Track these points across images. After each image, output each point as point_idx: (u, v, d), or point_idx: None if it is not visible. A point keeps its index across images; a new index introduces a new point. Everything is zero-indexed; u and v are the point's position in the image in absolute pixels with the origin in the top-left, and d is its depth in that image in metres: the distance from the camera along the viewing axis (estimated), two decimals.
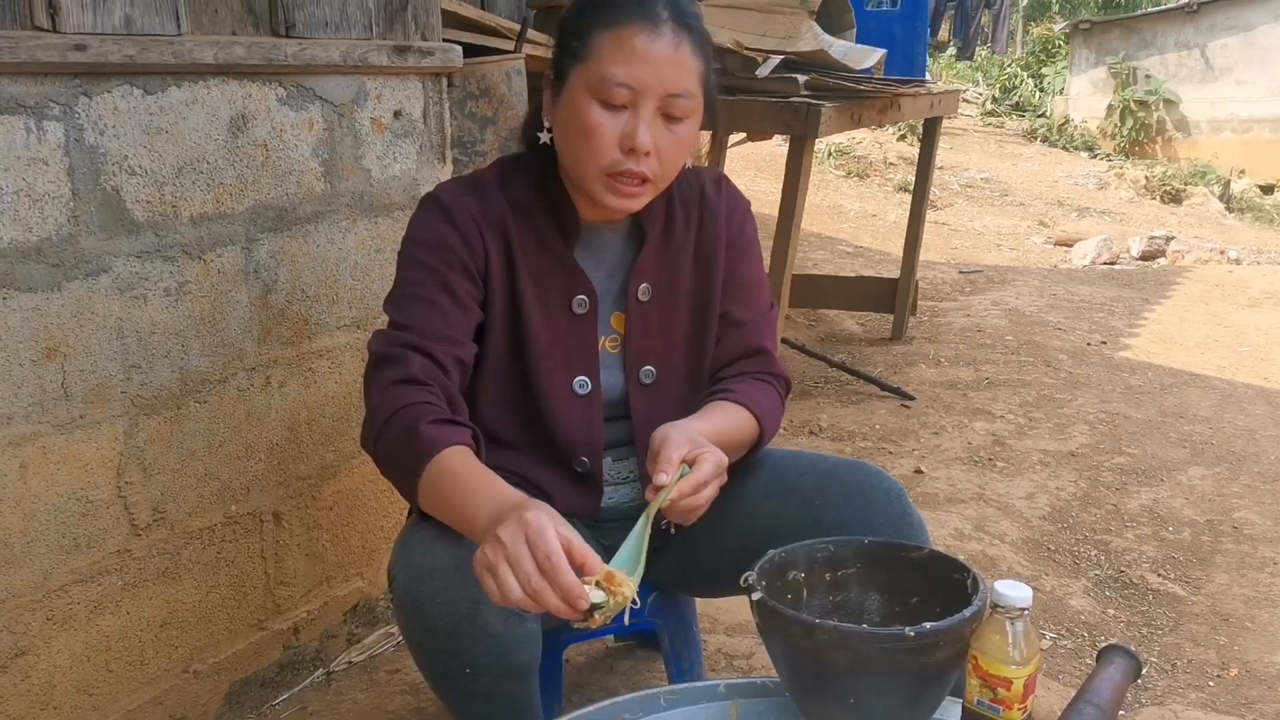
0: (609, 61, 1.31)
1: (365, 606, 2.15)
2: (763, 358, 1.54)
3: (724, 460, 1.31)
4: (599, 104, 1.32)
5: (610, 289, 1.49)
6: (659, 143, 1.33)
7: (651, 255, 1.49)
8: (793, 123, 3.23)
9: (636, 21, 1.31)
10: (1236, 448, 3.58)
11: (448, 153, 2.21)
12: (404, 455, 1.26)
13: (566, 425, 1.46)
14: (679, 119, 1.34)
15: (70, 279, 1.55)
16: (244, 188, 1.79)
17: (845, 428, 3.64)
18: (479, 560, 1.09)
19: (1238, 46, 14.05)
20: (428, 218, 1.42)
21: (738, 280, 1.54)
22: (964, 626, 1.17)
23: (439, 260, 1.38)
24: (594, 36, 1.33)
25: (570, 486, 1.49)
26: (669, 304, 1.51)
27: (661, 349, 1.51)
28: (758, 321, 1.55)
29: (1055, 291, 6.15)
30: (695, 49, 1.35)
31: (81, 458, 1.60)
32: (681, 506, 1.27)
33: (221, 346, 1.79)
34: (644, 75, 1.31)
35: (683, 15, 1.34)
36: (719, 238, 1.52)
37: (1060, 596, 2.53)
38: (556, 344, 1.45)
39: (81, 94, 1.54)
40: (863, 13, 4.12)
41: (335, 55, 1.89)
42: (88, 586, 1.63)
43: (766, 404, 1.49)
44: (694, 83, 1.35)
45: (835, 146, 10.55)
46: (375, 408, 1.32)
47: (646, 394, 1.50)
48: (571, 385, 1.46)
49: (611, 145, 1.33)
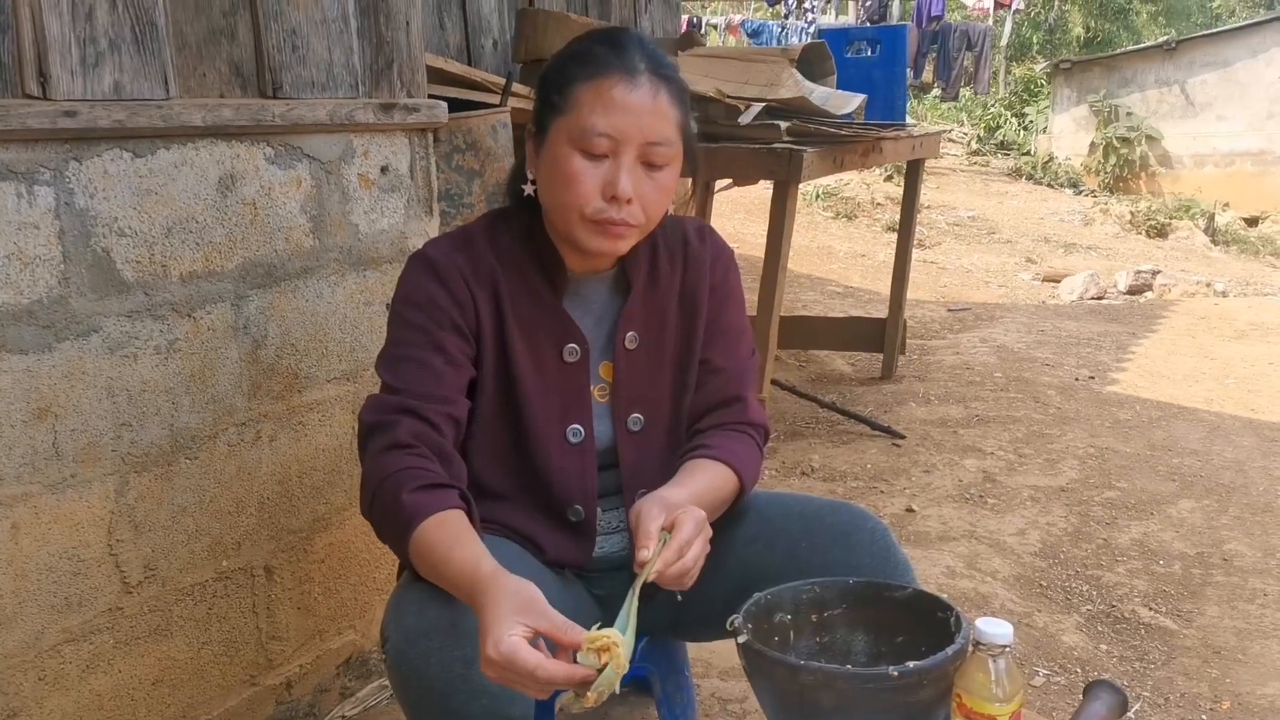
0: (589, 112, 1.35)
1: (358, 659, 2.15)
2: (740, 406, 1.55)
3: (703, 516, 1.31)
4: (581, 154, 1.35)
5: (598, 338, 1.50)
6: (640, 190, 1.36)
7: (637, 303, 1.50)
8: (775, 168, 3.27)
9: (615, 73, 1.35)
10: (1225, 480, 3.59)
11: (435, 206, 2.24)
12: (392, 524, 1.30)
13: (561, 475, 1.47)
14: (659, 166, 1.37)
15: (61, 340, 1.57)
16: (233, 246, 1.82)
17: (837, 468, 3.66)
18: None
19: (1217, 82, 14.24)
20: (418, 277, 1.44)
21: (719, 327, 1.56)
22: (947, 665, 1.19)
23: (429, 320, 1.40)
24: (574, 89, 1.37)
25: (563, 537, 1.49)
26: (656, 351, 1.52)
27: (649, 396, 1.52)
28: (738, 369, 1.56)
29: (1043, 327, 6.19)
30: (673, 98, 1.38)
31: (73, 517, 1.61)
32: (671, 574, 1.27)
33: (212, 403, 1.80)
34: (623, 125, 1.34)
35: (660, 66, 1.38)
36: (702, 284, 1.54)
37: (1053, 633, 2.54)
38: (549, 394, 1.46)
39: (72, 159, 1.57)
40: (842, 60, 4.19)
41: (322, 114, 1.93)
42: (79, 645, 1.64)
43: (745, 456, 1.50)
44: (673, 131, 1.38)
45: (823, 188, 10.65)
46: (365, 476, 1.35)
47: (634, 441, 1.51)
48: (565, 434, 1.47)
49: (594, 193, 1.35)
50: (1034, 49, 19.47)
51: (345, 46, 1.99)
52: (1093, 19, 19.74)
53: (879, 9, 13.93)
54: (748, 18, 14.74)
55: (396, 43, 2.10)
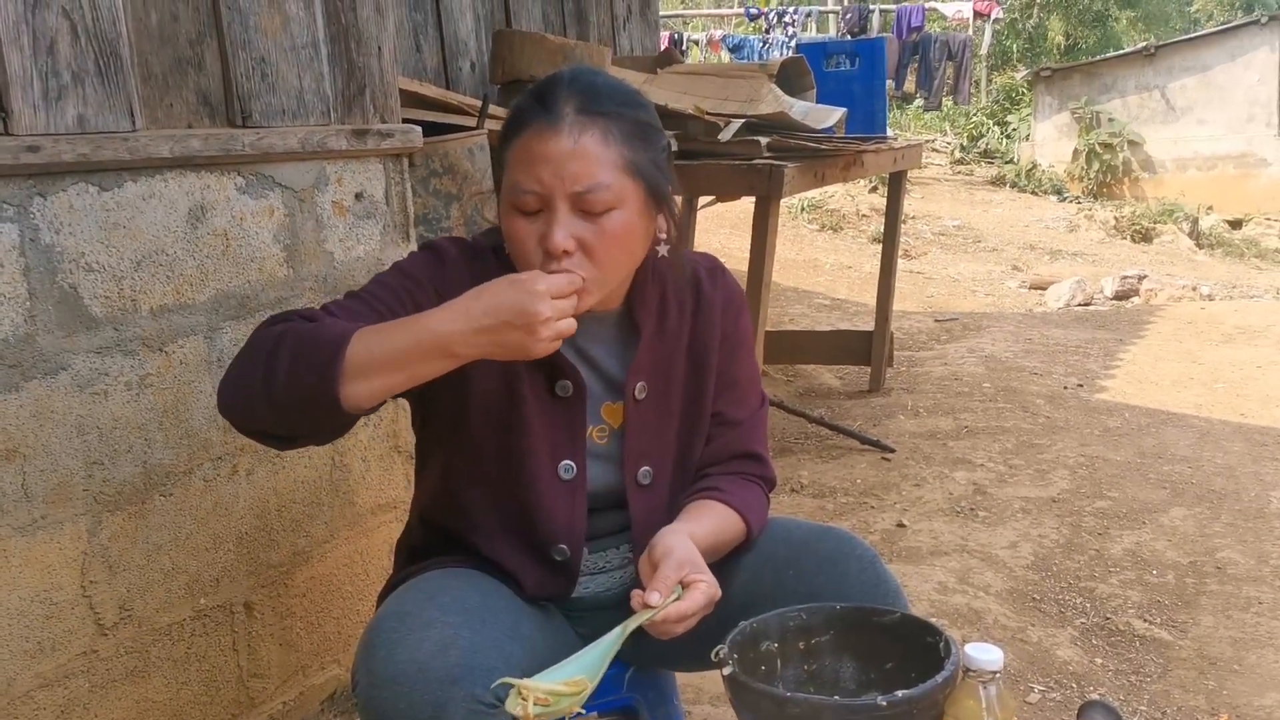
0: (515, 170, 1.32)
1: (343, 694, 2.12)
2: (754, 462, 1.54)
3: (716, 594, 1.30)
4: (517, 212, 1.32)
5: (601, 378, 1.46)
6: (584, 238, 1.30)
7: (647, 353, 1.46)
8: (757, 184, 3.26)
9: (533, 125, 1.30)
10: (1216, 486, 3.58)
11: (412, 231, 2.22)
12: (311, 350, 1.19)
13: (550, 511, 1.43)
14: (599, 213, 1.30)
15: (29, 379, 1.54)
16: (205, 277, 1.79)
17: (826, 483, 3.63)
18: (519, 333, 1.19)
19: (1196, 86, 14.34)
20: (423, 258, 1.42)
21: (730, 378, 1.53)
22: (937, 693, 1.16)
23: (404, 289, 1.36)
24: (506, 147, 1.35)
25: (543, 573, 1.46)
26: (664, 401, 1.49)
27: (657, 449, 1.49)
28: (751, 422, 1.55)
29: (1030, 336, 6.19)
30: (606, 138, 1.30)
31: (44, 559, 1.58)
32: (660, 629, 1.27)
33: (186, 438, 1.77)
34: (544, 177, 1.29)
35: (591, 105, 1.31)
36: (713, 332, 1.50)
37: (1047, 648, 2.51)
38: (542, 426, 1.43)
39: (36, 194, 1.54)
40: (822, 74, 4.19)
41: (293, 142, 1.91)
42: (54, 691, 1.60)
43: (756, 506, 1.49)
44: (606, 172, 1.29)
45: (808, 201, 10.66)
46: (255, 341, 1.25)
47: (645, 494, 1.48)
48: (556, 470, 1.43)
49: (535, 249, 1.31)
50: (1015, 57, 19.58)
51: (316, 73, 1.97)
52: (1072, 26, 19.87)
53: (859, 22, 14.02)
54: (729, 33, 14.79)
55: (368, 68, 2.08)
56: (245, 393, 1.24)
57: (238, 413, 1.27)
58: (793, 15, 14.11)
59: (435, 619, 1.24)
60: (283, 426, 1.26)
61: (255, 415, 1.26)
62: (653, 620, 1.25)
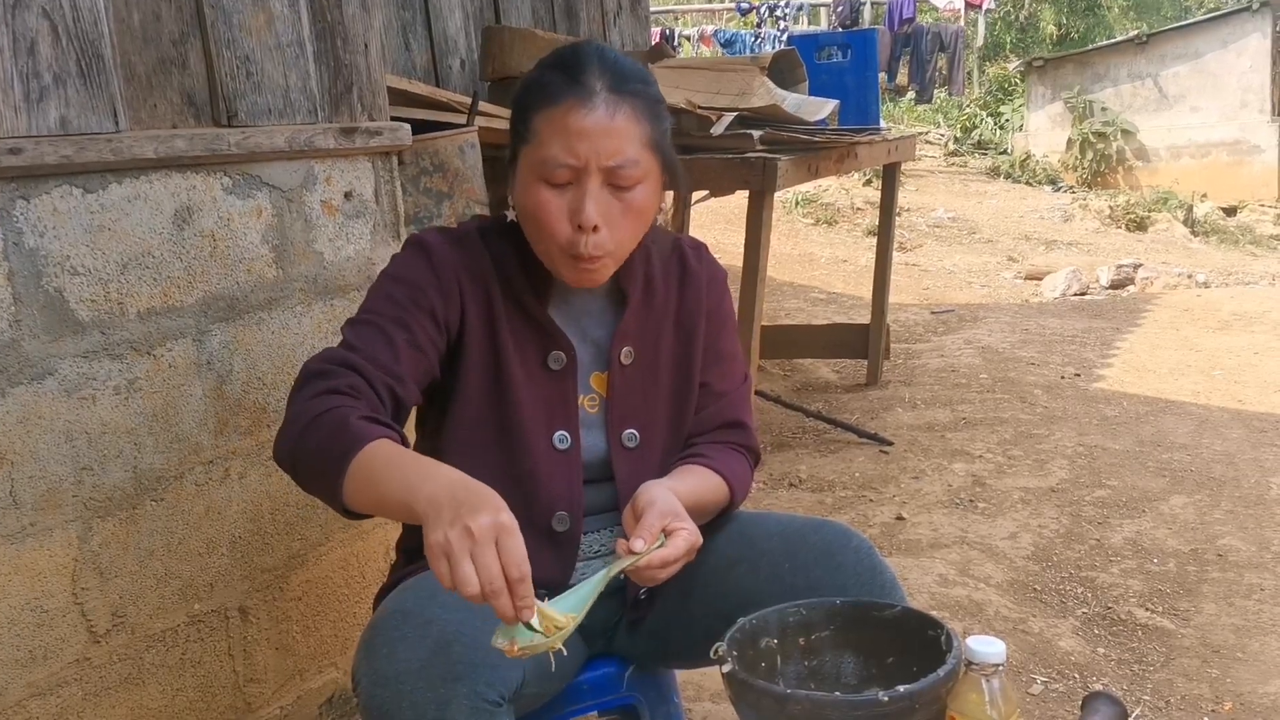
0: (548, 143, 1.33)
1: (341, 698, 2.10)
2: (740, 431, 1.58)
3: (698, 542, 1.32)
4: (545, 185, 1.34)
5: (590, 348, 1.50)
6: (609, 213, 1.35)
7: (633, 319, 1.50)
8: (750, 178, 3.24)
9: (569, 99, 1.33)
10: (1216, 473, 3.57)
11: (402, 230, 2.20)
12: (329, 449, 1.21)
13: (548, 480, 1.45)
14: (627, 187, 1.35)
15: (14, 385, 1.52)
16: (192, 279, 1.77)
17: (825, 477, 3.62)
18: (438, 544, 1.06)
19: (1189, 74, 14.31)
20: (411, 258, 1.43)
21: (716, 351, 1.57)
22: (939, 687, 1.15)
23: (409, 299, 1.39)
24: (534, 119, 1.36)
25: (544, 549, 1.45)
26: (651, 368, 1.52)
27: (644, 413, 1.52)
28: (736, 393, 1.58)
29: (1027, 326, 6.18)
30: (636, 115, 1.35)
31: (34, 567, 1.56)
32: (644, 575, 1.29)
33: (176, 442, 1.75)
34: (581, 151, 1.32)
35: (620, 83, 1.35)
36: (700, 305, 1.54)
37: (1049, 638, 2.50)
38: (536, 399, 1.45)
39: (19, 197, 1.52)
40: (814, 66, 4.17)
41: (280, 141, 1.89)
42: (46, 700, 1.58)
43: (740, 472, 1.53)
44: (636, 149, 1.35)
45: (802, 195, 10.64)
46: (296, 414, 1.27)
47: (630, 457, 1.50)
48: (551, 440, 1.46)
49: (562, 222, 1.34)
50: (1007, 48, 19.56)
51: (302, 71, 1.95)
52: (1064, 16, 19.85)
53: (850, 15, 13.98)
54: (720, 28, 14.76)
55: (355, 66, 2.06)
56: (285, 467, 1.31)
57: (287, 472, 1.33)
58: (784, 9, 14.08)
59: (436, 617, 1.25)
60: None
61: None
62: (636, 566, 1.27)
